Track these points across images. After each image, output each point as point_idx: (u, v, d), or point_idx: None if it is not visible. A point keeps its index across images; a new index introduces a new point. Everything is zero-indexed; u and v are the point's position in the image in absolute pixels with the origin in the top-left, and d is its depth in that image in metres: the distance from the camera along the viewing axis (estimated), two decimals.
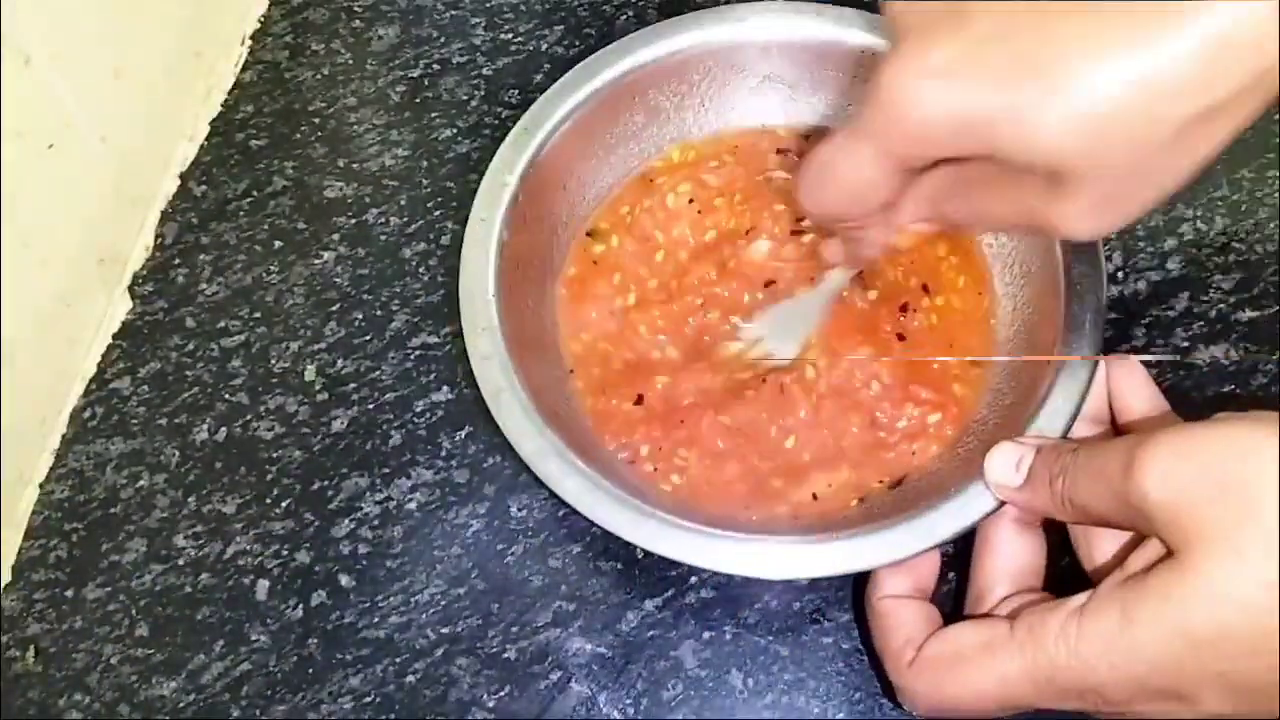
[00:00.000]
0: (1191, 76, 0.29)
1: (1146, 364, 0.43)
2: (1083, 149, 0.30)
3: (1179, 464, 0.32)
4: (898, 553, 0.38)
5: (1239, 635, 0.30)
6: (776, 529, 0.41)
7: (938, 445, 0.43)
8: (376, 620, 0.44)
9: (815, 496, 0.43)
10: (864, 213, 0.37)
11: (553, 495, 0.40)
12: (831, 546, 0.38)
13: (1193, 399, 0.46)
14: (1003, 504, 0.38)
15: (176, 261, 0.52)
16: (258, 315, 0.51)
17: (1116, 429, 0.41)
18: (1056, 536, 0.40)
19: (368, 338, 0.50)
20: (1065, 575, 0.39)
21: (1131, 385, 0.41)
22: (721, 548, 0.38)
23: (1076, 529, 0.39)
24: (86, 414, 0.49)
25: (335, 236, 0.52)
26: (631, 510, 0.39)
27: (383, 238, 0.52)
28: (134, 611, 0.45)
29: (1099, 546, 0.38)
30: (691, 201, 0.49)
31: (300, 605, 0.45)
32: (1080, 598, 0.34)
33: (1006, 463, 0.38)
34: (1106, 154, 0.30)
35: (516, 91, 0.56)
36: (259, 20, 0.59)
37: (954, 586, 0.42)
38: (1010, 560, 0.39)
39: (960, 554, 0.42)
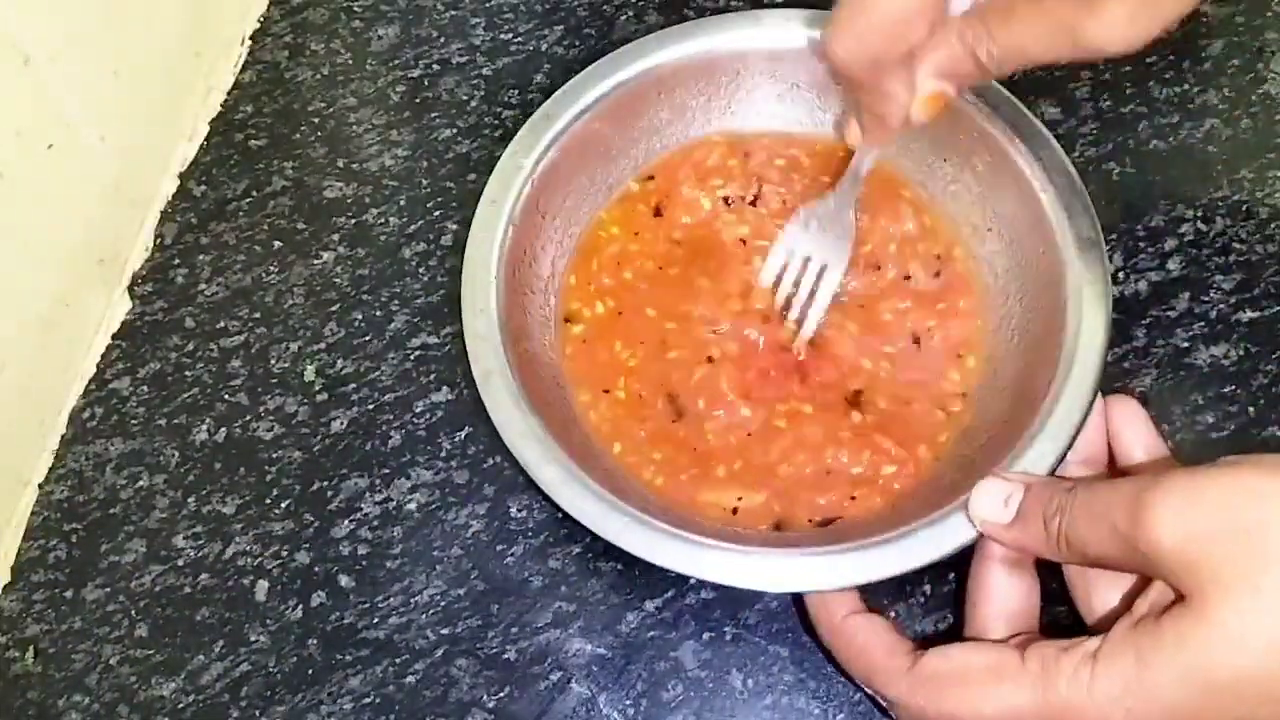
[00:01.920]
0: None
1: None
2: None
3: (1191, 509, 0.31)
4: (910, 563, 0.37)
5: (1258, 681, 0.30)
6: (775, 541, 0.41)
7: (881, 499, 0.42)
8: (376, 621, 0.44)
9: (735, 511, 0.43)
10: (898, 51, 0.37)
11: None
12: (828, 559, 0.38)
13: (1193, 400, 0.46)
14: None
15: (176, 262, 0.52)
16: (257, 315, 0.51)
17: (1114, 471, 0.41)
18: (1054, 582, 0.39)
19: (367, 338, 0.50)
20: (1059, 622, 0.39)
21: (1133, 428, 0.41)
22: (712, 557, 0.38)
23: (1074, 575, 0.38)
24: (86, 414, 0.49)
25: (335, 237, 0.52)
26: (616, 510, 0.39)
27: (382, 238, 0.52)
28: (133, 612, 0.45)
29: (1099, 595, 0.37)
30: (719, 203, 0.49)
31: (300, 606, 0.44)
32: (1094, 641, 0.33)
33: (994, 499, 0.37)
34: None
35: (516, 92, 0.56)
36: (259, 20, 0.59)
37: (951, 625, 0.42)
38: (1004, 603, 0.38)
39: (954, 595, 0.41)
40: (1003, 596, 0.38)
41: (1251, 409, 0.46)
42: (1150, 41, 0.34)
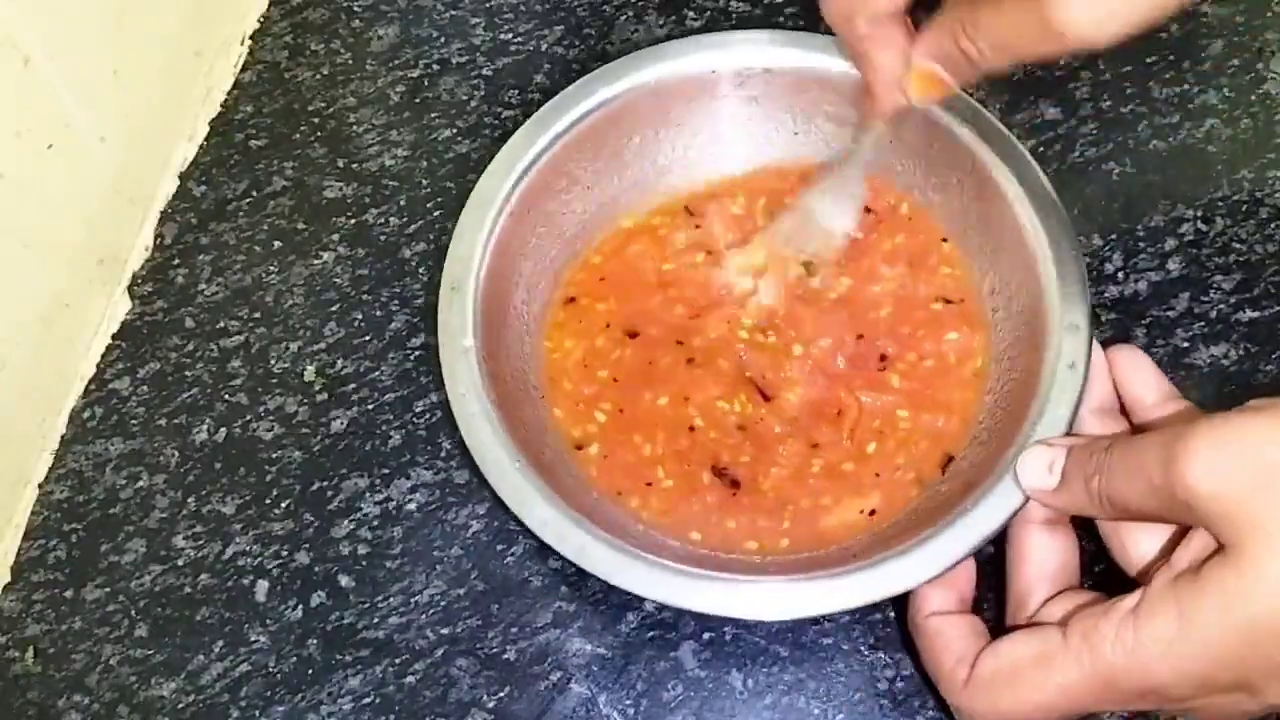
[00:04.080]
0: None
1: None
2: None
3: (1223, 456, 0.32)
4: (893, 588, 0.38)
5: None
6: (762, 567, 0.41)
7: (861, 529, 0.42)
8: (376, 621, 0.44)
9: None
10: (875, 9, 0.38)
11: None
12: (809, 585, 0.38)
13: (1194, 400, 0.46)
14: (1029, 506, 0.38)
15: (176, 262, 0.52)
16: (257, 316, 0.51)
17: (1130, 421, 0.41)
18: (1090, 543, 0.39)
19: (367, 338, 0.50)
20: (1103, 579, 0.39)
21: (1140, 376, 0.41)
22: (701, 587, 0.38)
23: (1108, 530, 0.38)
24: (86, 414, 0.49)
25: (335, 237, 0.52)
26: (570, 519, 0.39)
27: (382, 238, 0.52)
28: (133, 612, 0.45)
29: (1136, 546, 0.37)
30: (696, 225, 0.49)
31: (300, 606, 0.44)
32: (1132, 599, 0.33)
33: (1039, 465, 0.38)
34: None
35: (516, 92, 0.56)
36: (259, 20, 0.59)
37: (994, 599, 0.42)
38: (1045, 564, 0.39)
39: (995, 563, 0.41)
40: (1041, 558, 0.39)
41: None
42: (1127, 32, 0.34)
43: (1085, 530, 0.39)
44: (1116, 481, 0.35)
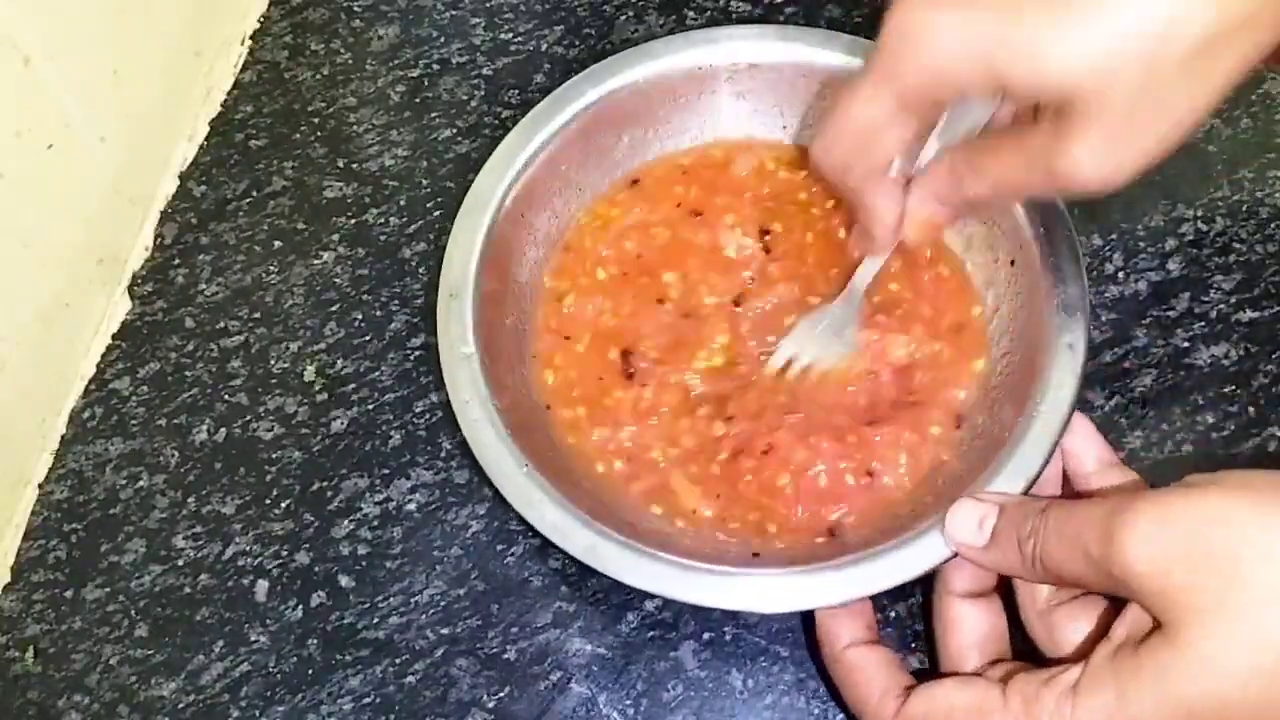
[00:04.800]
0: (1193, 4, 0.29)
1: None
2: (1091, 74, 0.30)
3: (1162, 535, 0.32)
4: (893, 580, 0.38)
5: (1238, 708, 0.30)
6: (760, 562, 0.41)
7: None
8: (376, 621, 0.44)
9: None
10: (871, 164, 0.38)
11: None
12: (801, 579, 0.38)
13: (1194, 400, 0.46)
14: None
15: (176, 262, 0.52)
16: (257, 316, 0.51)
17: (1066, 482, 0.41)
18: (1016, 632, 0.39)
19: (367, 338, 0.50)
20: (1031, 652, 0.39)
21: (1082, 440, 0.40)
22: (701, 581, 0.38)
23: (1032, 618, 0.38)
24: (86, 414, 0.49)
25: (335, 237, 0.52)
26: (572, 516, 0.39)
27: (382, 238, 0.52)
28: (133, 612, 0.45)
29: (1063, 635, 0.37)
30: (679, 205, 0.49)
31: (300, 606, 0.44)
32: (1074, 672, 0.33)
33: (969, 521, 0.37)
34: (1115, 78, 0.30)
35: (516, 91, 0.55)
36: (259, 20, 0.59)
37: (925, 664, 0.42)
38: (973, 633, 0.38)
39: (924, 634, 0.41)
40: (969, 628, 0.38)
41: (1251, 409, 0.46)
42: (1136, 176, 0.33)
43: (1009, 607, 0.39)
44: (1052, 548, 0.34)
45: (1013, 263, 0.44)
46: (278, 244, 0.52)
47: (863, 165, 0.38)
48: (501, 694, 0.42)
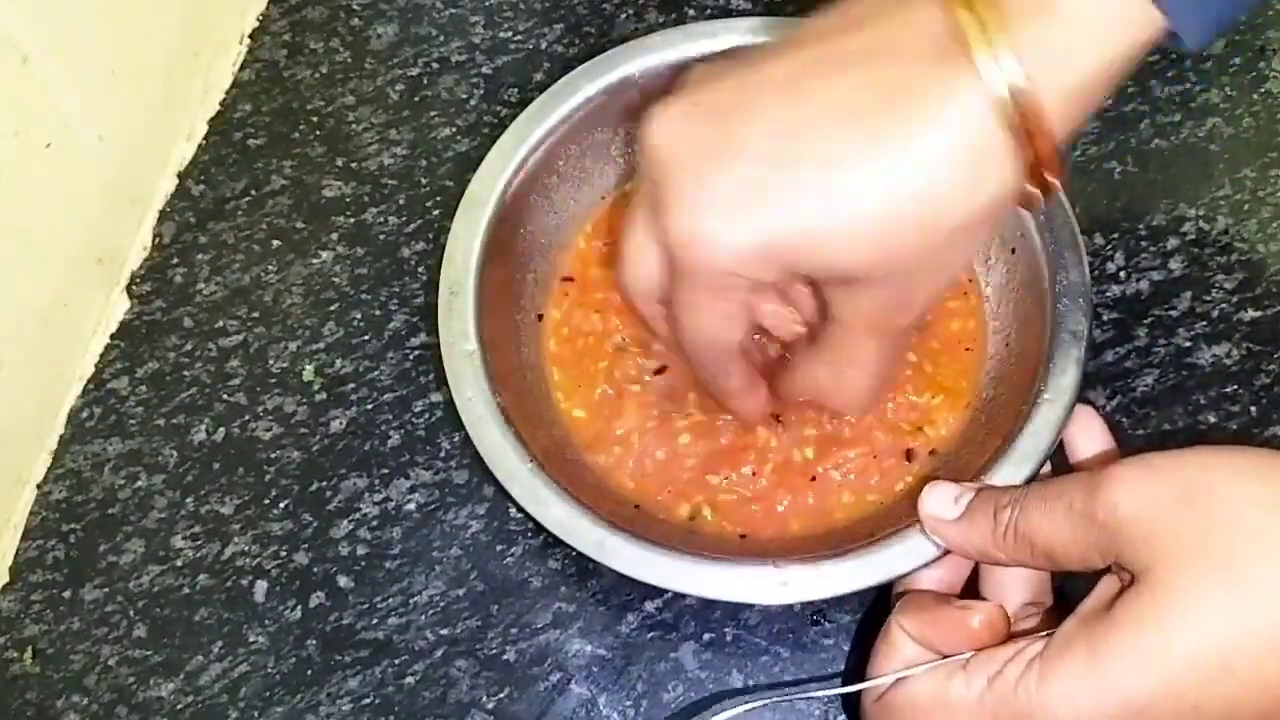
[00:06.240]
0: (952, 181, 0.31)
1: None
2: (872, 256, 0.32)
3: (1149, 480, 0.32)
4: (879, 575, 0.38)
5: (1215, 655, 0.30)
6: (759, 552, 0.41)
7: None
8: (375, 621, 0.44)
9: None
10: (721, 352, 0.38)
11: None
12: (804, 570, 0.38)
13: (1195, 400, 0.46)
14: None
15: (174, 261, 0.52)
16: (256, 315, 0.51)
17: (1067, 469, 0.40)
18: None
19: (366, 338, 0.50)
20: None
21: (1089, 434, 0.40)
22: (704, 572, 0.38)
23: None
24: (84, 414, 0.49)
25: (334, 236, 0.52)
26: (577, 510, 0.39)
27: (381, 237, 0.52)
28: (132, 612, 0.45)
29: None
30: None
31: (299, 606, 0.44)
32: (1039, 644, 0.33)
33: (945, 496, 0.37)
34: (894, 256, 0.32)
35: (516, 90, 0.55)
36: (257, 19, 0.59)
37: None
38: (909, 662, 0.36)
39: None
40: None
41: (1253, 408, 0.46)
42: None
43: None
44: (1031, 511, 0.34)
45: (1013, 251, 0.44)
46: (276, 243, 0.52)
47: (713, 356, 0.38)
48: (501, 695, 0.42)
